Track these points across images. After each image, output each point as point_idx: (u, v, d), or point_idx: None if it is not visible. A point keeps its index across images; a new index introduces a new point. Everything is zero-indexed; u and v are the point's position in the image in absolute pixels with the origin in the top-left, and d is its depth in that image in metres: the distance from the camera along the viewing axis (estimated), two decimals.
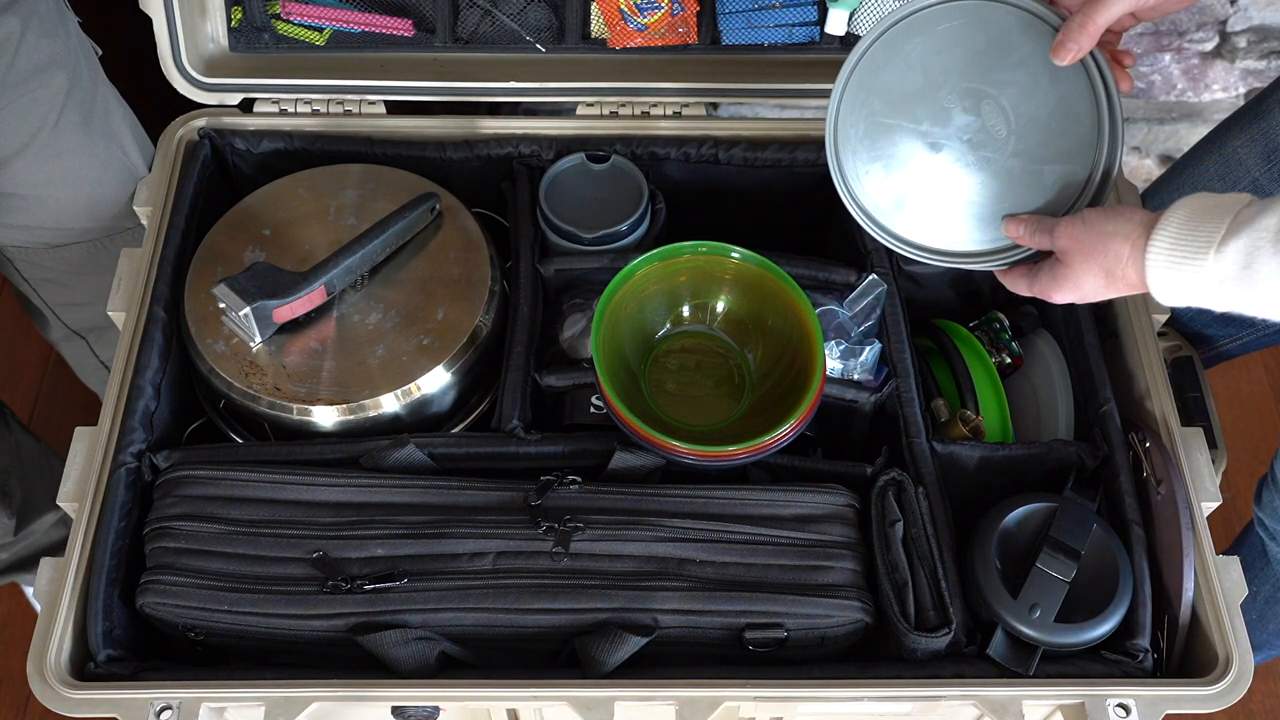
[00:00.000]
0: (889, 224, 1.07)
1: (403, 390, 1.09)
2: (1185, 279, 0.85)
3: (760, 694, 0.95)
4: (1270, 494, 1.25)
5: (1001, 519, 1.02)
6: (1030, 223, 0.99)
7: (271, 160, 1.28)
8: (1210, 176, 1.18)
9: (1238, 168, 1.15)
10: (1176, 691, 0.96)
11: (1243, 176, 1.14)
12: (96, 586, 0.99)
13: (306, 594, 0.97)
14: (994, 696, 0.95)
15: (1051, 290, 0.96)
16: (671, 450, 1.00)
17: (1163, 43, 1.73)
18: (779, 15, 1.27)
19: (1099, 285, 0.92)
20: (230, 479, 1.02)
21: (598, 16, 1.28)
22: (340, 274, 1.12)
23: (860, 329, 1.15)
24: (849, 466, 1.07)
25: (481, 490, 1.03)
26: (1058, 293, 0.96)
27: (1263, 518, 1.28)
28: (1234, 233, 0.82)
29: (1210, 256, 0.83)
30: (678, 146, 1.26)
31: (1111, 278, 0.90)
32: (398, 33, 1.29)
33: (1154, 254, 0.86)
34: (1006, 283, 1.03)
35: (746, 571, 0.99)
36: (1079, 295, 0.95)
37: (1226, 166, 1.16)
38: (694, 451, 1.00)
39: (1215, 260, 0.83)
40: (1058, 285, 0.95)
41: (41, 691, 0.94)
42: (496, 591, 0.97)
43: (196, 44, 1.27)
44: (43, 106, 1.16)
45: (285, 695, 0.94)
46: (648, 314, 1.11)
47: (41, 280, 1.34)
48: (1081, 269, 0.93)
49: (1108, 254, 0.89)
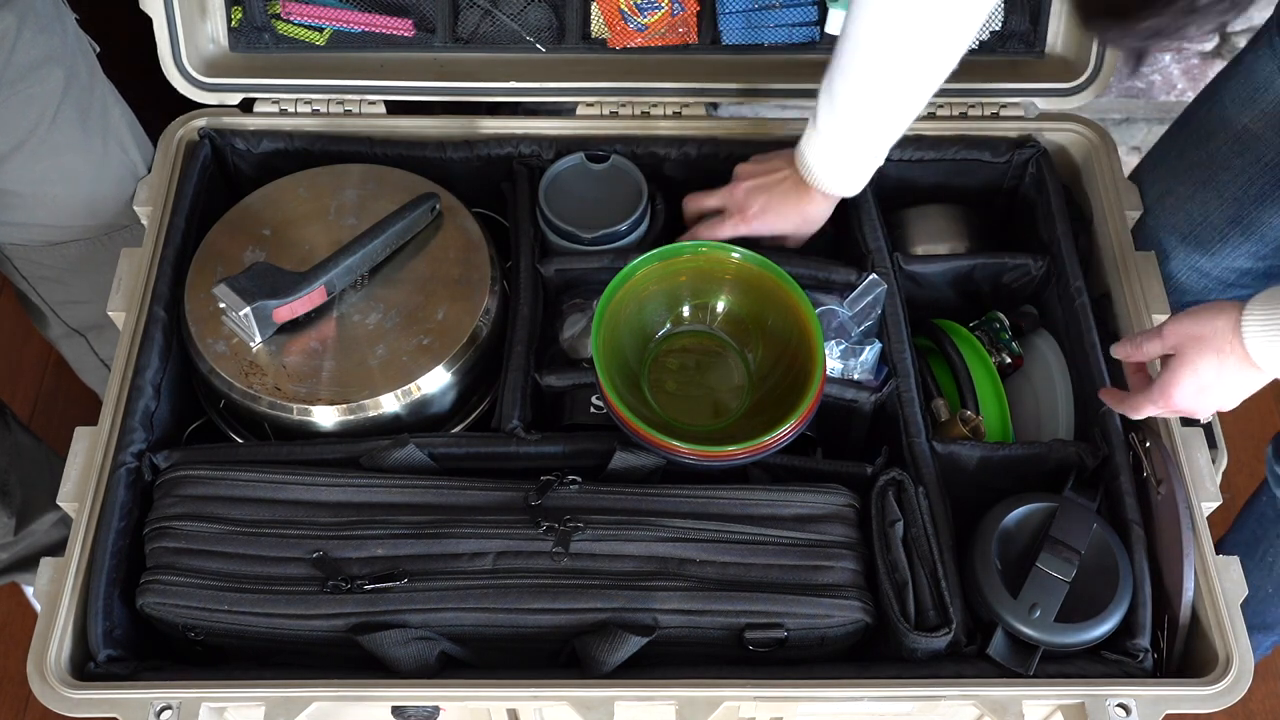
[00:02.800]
0: None
1: (403, 390, 1.09)
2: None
3: (760, 694, 0.95)
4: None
5: (1001, 519, 1.02)
6: (1137, 338, 1.02)
7: (271, 160, 1.28)
8: (1226, 155, 1.18)
9: (1256, 143, 1.15)
10: (1176, 691, 0.96)
11: (1265, 150, 1.15)
12: (96, 586, 0.99)
13: (306, 594, 0.97)
14: (994, 696, 0.95)
15: (1172, 386, 0.97)
16: (672, 450, 1.00)
17: None
18: (779, 15, 1.27)
19: (1212, 365, 0.94)
20: (230, 479, 1.02)
21: (598, 16, 1.28)
22: (340, 274, 1.12)
23: (860, 329, 1.15)
24: (849, 466, 1.07)
25: (481, 490, 1.03)
26: (1178, 386, 0.97)
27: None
28: None
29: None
30: (678, 146, 1.26)
31: (1221, 355, 0.94)
32: (398, 33, 1.29)
33: (1249, 323, 0.92)
34: (1130, 410, 1.03)
35: (747, 571, 0.99)
36: (1198, 383, 0.96)
37: (1242, 144, 1.16)
38: (694, 452, 1.00)
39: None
40: (1177, 379, 0.97)
41: (41, 691, 0.94)
42: (496, 591, 0.97)
43: (196, 44, 1.27)
44: (39, 103, 1.16)
45: (285, 695, 0.94)
46: (648, 314, 1.11)
47: (40, 278, 1.34)
48: (1195, 353, 0.95)
49: (1215, 332, 0.94)
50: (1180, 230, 1.23)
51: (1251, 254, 1.21)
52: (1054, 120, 1.29)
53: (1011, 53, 1.29)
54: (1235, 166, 1.17)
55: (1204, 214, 1.20)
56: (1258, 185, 1.16)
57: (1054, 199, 1.23)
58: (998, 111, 1.29)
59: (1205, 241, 1.22)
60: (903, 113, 1.09)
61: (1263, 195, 1.16)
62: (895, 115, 1.09)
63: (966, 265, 1.23)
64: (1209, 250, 1.22)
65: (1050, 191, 1.24)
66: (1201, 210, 1.20)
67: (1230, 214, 1.19)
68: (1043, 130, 1.28)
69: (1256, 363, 0.92)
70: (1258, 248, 1.20)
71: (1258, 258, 1.21)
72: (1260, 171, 1.15)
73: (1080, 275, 1.18)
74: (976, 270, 1.23)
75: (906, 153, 1.26)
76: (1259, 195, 1.16)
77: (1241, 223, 1.19)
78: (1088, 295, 1.17)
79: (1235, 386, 0.96)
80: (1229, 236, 1.20)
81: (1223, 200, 1.19)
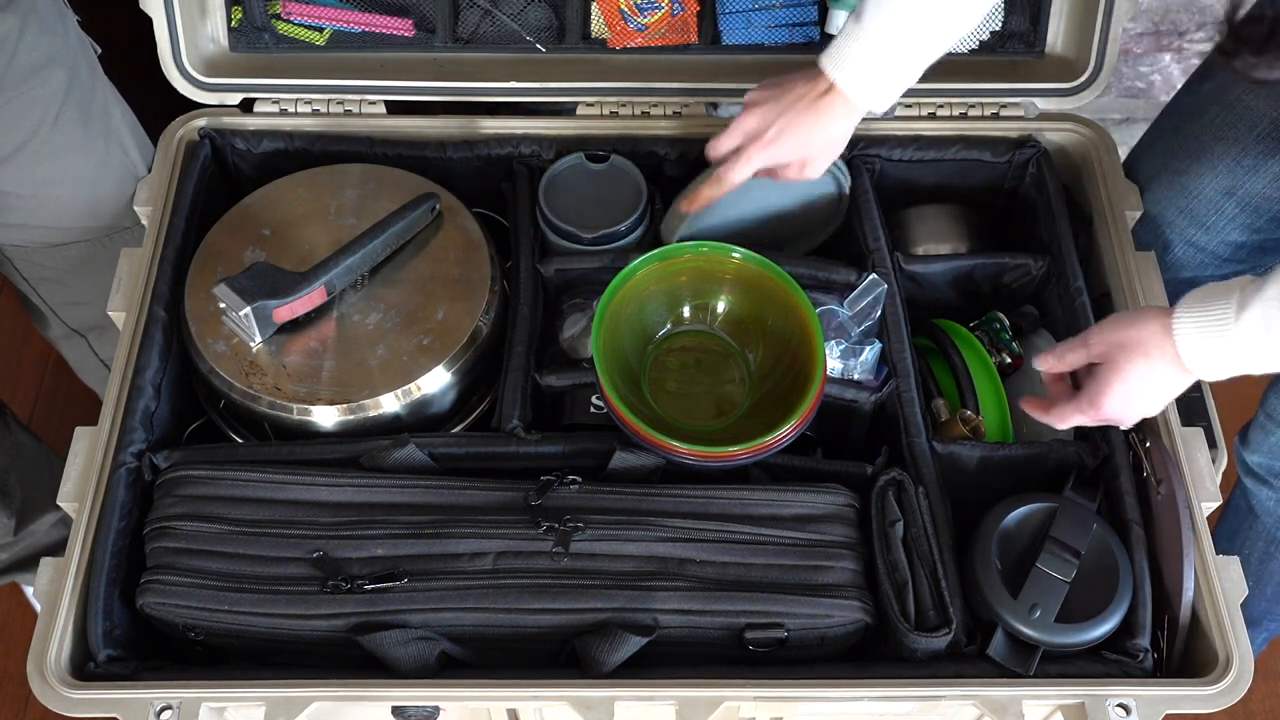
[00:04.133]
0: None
1: (403, 390, 1.09)
2: (1216, 346, 0.90)
3: (760, 694, 0.95)
4: (1261, 433, 1.25)
5: (1001, 519, 1.02)
6: (1059, 349, 1.01)
7: (271, 160, 1.28)
8: (1219, 125, 1.18)
9: (1248, 113, 1.15)
10: (1176, 691, 0.96)
11: (1258, 119, 1.15)
12: (96, 586, 0.99)
13: (307, 594, 0.97)
14: (994, 696, 0.95)
15: (1101, 395, 0.97)
16: (672, 451, 1.00)
17: (1163, 43, 1.72)
18: (779, 15, 1.27)
19: (1141, 370, 0.94)
20: (230, 479, 1.02)
21: (598, 16, 1.28)
22: (340, 274, 1.12)
23: (860, 329, 1.15)
24: (849, 466, 1.07)
25: (481, 490, 1.03)
26: (1107, 394, 0.96)
27: (1249, 460, 1.29)
28: (1244, 305, 0.89)
29: (1232, 325, 0.89)
30: (678, 146, 1.26)
31: (1150, 359, 0.93)
32: (398, 33, 1.29)
33: (1181, 324, 0.91)
34: (1055, 420, 1.02)
35: (747, 571, 0.99)
36: (1127, 390, 0.95)
37: (1235, 114, 1.16)
38: (694, 452, 1.00)
39: (1238, 327, 0.89)
40: (1106, 386, 0.96)
41: (41, 691, 0.94)
42: (496, 591, 0.97)
43: (196, 44, 1.27)
44: (41, 104, 1.16)
45: (285, 695, 0.94)
46: (648, 314, 1.11)
47: (41, 279, 1.34)
48: (1123, 360, 0.95)
49: (1142, 334, 0.94)
50: (1177, 204, 1.23)
51: (1246, 226, 1.21)
52: (1054, 120, 1.29)
53: (1011, 53, 1.29)
54: (1229, 137, 1.17)
55: (1198, 186, 1.21)
56: (1251, 155, 1.16)
57: (1054, 199, 1.23)
58: (998, 111, 1.29)
59: (1200, 214, 1.22)
60: (958, 20, 1.03)
61: (1255, 166, 1.17)
62: (949, 21, 1.03)
63: (967, 265, 1.23)
64: (1204, 224, 1.22)
65: (1050, 191, 1.24)
66: (1196, 183, 1.21)
67: (1224, 185, 1.19)
68: (1043, 130, 1.28)
69: (1187, 364, 0.92)
70: (1252, 219, 1.20)
71: (1252, 230, 1.21)
72: (1253, 142, 1.16)
73: (1080, 275, 1.18)
74: (977, 270, 1.23)
75: (907, 153, 1.26)
76: (1252, 166, 1.17)
77: (1235, 194, 1.19)
78: (1088, 295, 1.17)
79: (1161, 391, 0.96)
80: (1223, 208, 1.20)
81: (1216, 172, 1.19)
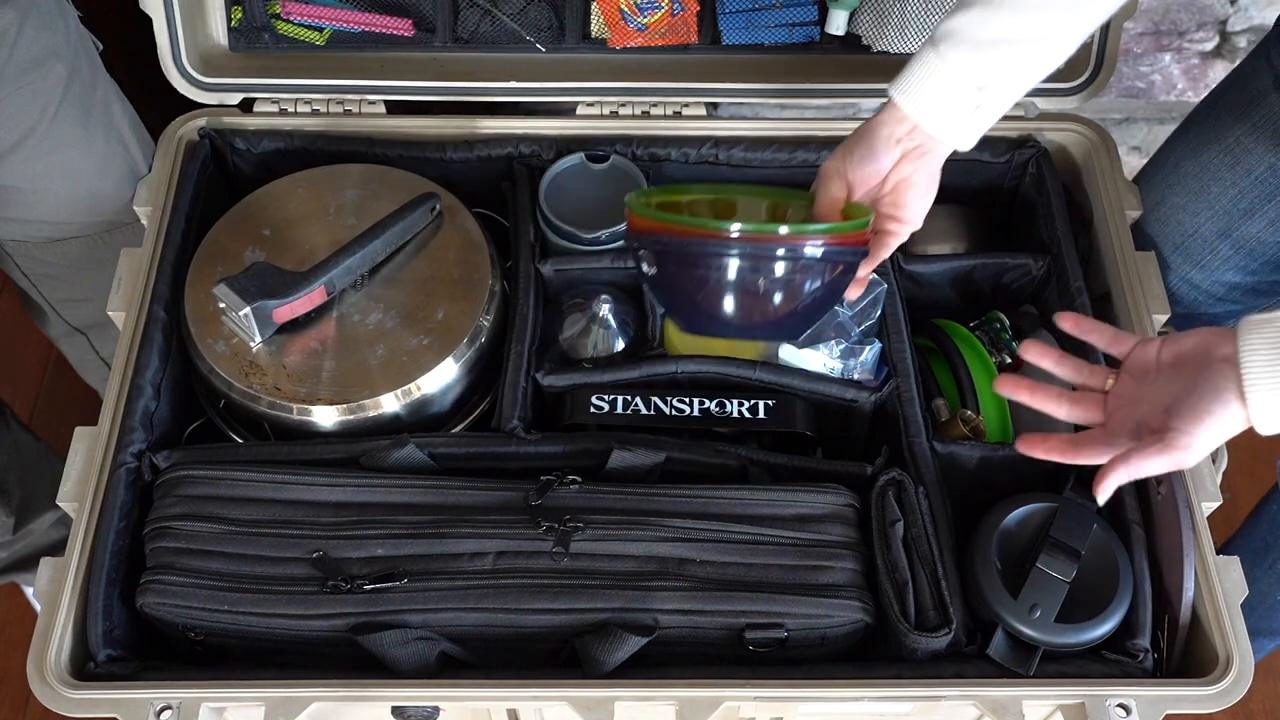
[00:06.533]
0: None
1: (403, 390, 1.09)
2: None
3: (760, 694, 0.95)
4: None
5: (1001, 519, 1.02)
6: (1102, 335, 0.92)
7: (271, 160, 1.28)
8: (1218, 167, 1.17)
9: (1246, 156, 1.15)
10: (1177, 691, 0.96)
11: (1256, 164, 1.14)
12: (96, 586, 0.99)
13: (306, 594, 0.97)
14: (994, 696, 0.95)
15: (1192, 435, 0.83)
16: (722, 238, 0.85)
17: (1163, 43, 1.72)
18: (779, 15, 1.27)
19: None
20: (230, 479, 1.02)
21: (598, 16, 1.28)
22: (340, 274, 1.12)
23: (860, 329, 1.15)
24: (849, 466, 1.07)
25: (481, 490, 1.03)
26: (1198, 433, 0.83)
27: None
28: None
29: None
30: (678, 146, 1.26)
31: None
32: (398, 32, 1.29)
33: (1251, 371, 0.80)
34: (1128, 471, 0.86)
35: (747, 571, 0.99)
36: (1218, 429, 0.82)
37: (1233, 156, 1.16)
38: (750, 235, 0.84)
39: None
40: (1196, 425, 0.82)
41: (41, 691, 0.94)
42: (496, 591, 0.97)
43: (196, 43, 1.27)
44: (41, 99, 1.16)
45: (285, 695, 0.94)
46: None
47: (41, 275, 1.34)
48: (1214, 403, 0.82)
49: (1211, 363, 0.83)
50: (1172, 241, 1.23)
51: (1240, 268, 1.21)
52: (1054, 120, 1.29)
53: None
54: (1226, 179, 1.17)
55: (1195, 225, 1.20)
56: (1248, 199, 1.16)
57: (1054, 199, 1.23)
58: None
59: (1195, 253, 1.22)
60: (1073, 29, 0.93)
61: (1252, 209, 1.16)
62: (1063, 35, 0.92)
63: (967, 265, 1.23)
64: (1199, 263, 1.22)
65: (1050, 191, 1.24)
66: (1193, 221, 1.20)
67: (1220, 227, 1.19)
68: (1043, 130, 1.28)
69: (1256, 423, 0.81)
70: (1246, 261, 1.20)
71: (1246, 272, 1.21)
72: (1250, 185, 1.15)
73: (1080, 275, 1.18)
74: (977, 270, 1.23)
75: None
76: (1248, 209, 1.16)
77: (1231, 236, 1.19)
78: (1088, 295, 1.17)
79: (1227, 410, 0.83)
80: (1218, 249, 1.20)
81: (1213, 212, 1.19)
